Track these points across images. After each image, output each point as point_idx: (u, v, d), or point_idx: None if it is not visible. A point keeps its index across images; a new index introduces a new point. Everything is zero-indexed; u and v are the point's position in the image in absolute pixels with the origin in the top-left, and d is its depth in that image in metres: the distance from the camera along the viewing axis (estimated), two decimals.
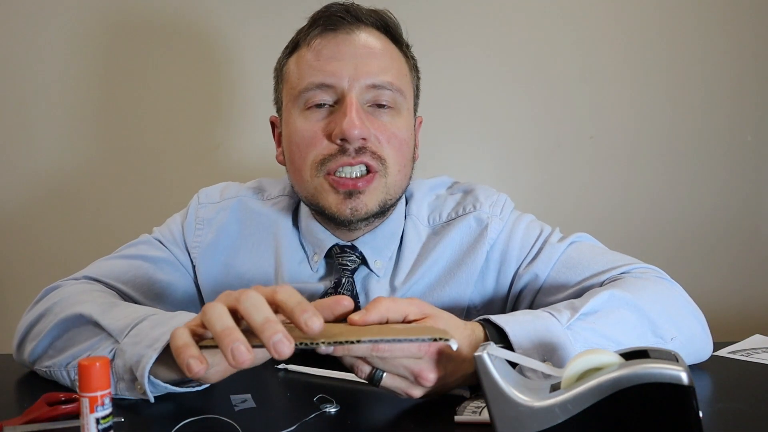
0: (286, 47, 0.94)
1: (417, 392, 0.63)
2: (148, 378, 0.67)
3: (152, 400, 0.69)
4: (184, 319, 0.69)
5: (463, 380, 0.66)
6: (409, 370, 0.61)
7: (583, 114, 1.52)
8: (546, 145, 1.52)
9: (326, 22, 0.88)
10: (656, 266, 0.87)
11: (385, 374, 0.62)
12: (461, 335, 0.65)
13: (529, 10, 1.50)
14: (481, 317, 0.71)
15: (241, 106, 1.51)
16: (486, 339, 0.67)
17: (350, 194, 0.86)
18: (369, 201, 0.87)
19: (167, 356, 0.67)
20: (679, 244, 1.53)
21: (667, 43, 1.51)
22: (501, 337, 0.67)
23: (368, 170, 0.86)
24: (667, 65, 1.51)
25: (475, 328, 0.68)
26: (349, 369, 0.63)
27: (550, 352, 0.66)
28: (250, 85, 1.50)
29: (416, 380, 0.62)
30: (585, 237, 0.93)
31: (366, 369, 0.62)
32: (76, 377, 0.74)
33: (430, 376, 0.62)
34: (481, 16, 1.50)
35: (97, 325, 0.74)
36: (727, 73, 1.52)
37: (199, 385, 0.72)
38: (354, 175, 0.86)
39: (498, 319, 0.68)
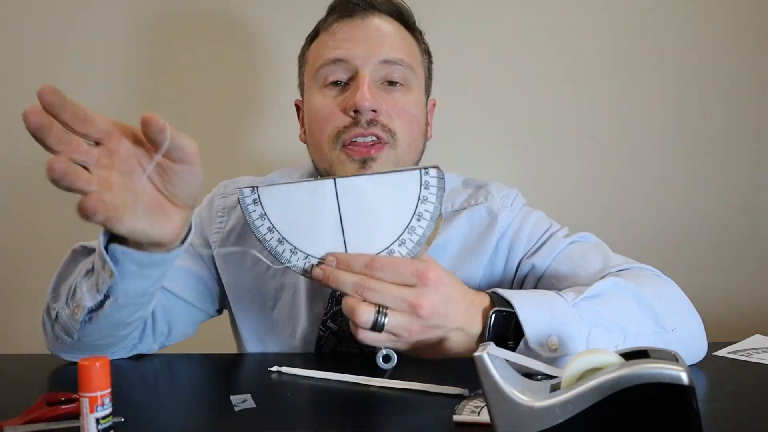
0: (308, 35, 1.01)
1: (417, 326, 0.65)
2: (106, 248, 0.68)
3: (114, 270, 0.69)
4: None
5: (465, 341, 0.69)
6: (406, 301, 0.64)
7: (583, 114, 1.52)
8: (546, 145, 1.52)
9: (342, 9, 0.94)
10: (656, 266, 0.88)
11: (387, 316, 0.64)
12: (467, 292, 0.69)
13: (529, 11, 1.50)
14: (490, 290, 0.73)
15: (242, 107, 1.51)
16: (492, 303, 0.70)
17: (364, 163, 0.89)
18: (380, 170, 0.89)
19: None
20: (679, 243, 1.53)
21: (667, 43, 1.51)
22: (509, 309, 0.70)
23: (378, 140, 0.90)
24: (667, 65, 1.51)
25: (479, 293, 0.71)
26: (349, 319, 0.65)
27: (557, 328, 0.68)
28: (251, 85, 1.50)
29: (414, 310, 0.64)
30: (589, 237, 0.95)
31: (369, 313, 0.63)
32: (73, 305, 0.76)
33: (426, 305, 0.64)
34: (482, 15, 1.50)
35: (85, 248, 0.81)
36: (728, 73, 1.52)
37: (169, 251, 0.69)
38: (366, 142, 0.90)
39: (504, 291, 0.71)
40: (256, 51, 1.49)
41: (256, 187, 0.66)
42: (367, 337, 0.65)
